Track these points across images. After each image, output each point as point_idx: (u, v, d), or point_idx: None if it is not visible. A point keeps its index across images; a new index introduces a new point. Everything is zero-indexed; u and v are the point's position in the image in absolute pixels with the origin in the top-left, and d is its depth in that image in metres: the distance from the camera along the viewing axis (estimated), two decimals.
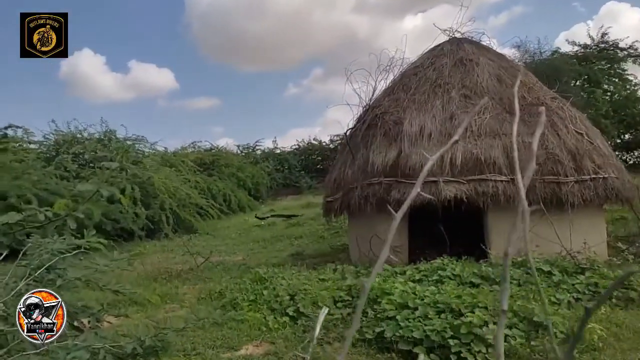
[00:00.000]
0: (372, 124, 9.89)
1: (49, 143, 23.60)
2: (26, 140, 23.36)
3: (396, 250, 9.06)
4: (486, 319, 5.40)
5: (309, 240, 15.37)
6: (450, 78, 9.76)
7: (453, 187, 8.50)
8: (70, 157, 20.95)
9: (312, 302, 6.78)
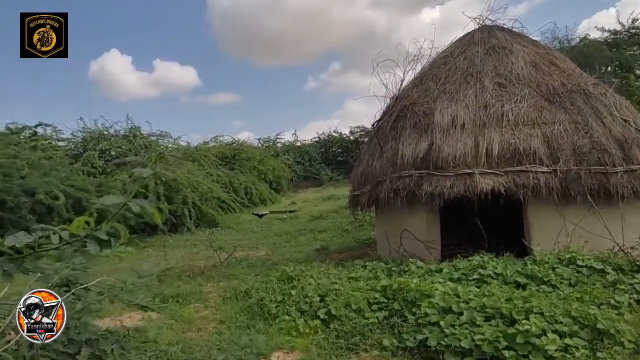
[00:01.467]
0: (400, 116, 9.13)
1: (76, 140, 23.33)
2: (55, 138, 23.19)
3: (429, 245, 8.32)
4: (544, 327, 4.64)
5: (333, 234, 14.66)
6: (483, 66, 8.92)
7: (490, 179, 7.70)
8: (96, 154, 20.65)
9: (344, 304, 6.05)
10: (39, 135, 22.42)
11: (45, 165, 17.04)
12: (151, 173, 1.40)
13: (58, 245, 1.40)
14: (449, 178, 7.96)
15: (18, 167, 15.01)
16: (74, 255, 1.46)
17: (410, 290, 5.89)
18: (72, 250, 1.43)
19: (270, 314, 6.33)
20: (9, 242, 1.42)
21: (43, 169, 16.40)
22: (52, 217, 14.47)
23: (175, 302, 7.59)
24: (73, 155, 21.33)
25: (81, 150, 21.92)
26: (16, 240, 1.41)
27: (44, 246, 1.43)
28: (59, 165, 17.99)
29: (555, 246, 7.42)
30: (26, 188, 14.33)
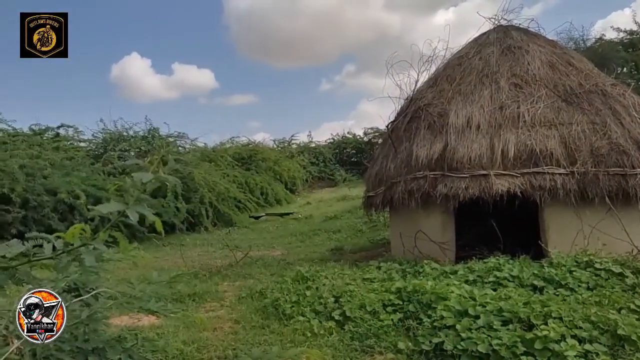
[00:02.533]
0: (414, 117, 8.94)
1: (97, 141, 23.45)
2: (76, 139, 23.34)
3: (443, 247, 8.14)
4: (563, 332, 4.44)
5: (347, 234, 14.50)
6: (499, 67, 8.70)
7: (505, 181, 7.50)
8: (116, 155, 20.69)
9: (359, 305, 5.90)
10: (61, 137, 22.57)
11: (67, 166, 17.14)
12: (152, 178, 1.27)
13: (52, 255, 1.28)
14: (464, 179, 7.78)
15: (41, 167, 15.08)
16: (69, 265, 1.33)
17: (425, 293, 5.72)
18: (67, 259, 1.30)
19: (285, 315, 6.20)
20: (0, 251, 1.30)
21: (65, 169, 16.49)
22: (73, 215, 14.53)
23: (192, 301, 7.51)
24: (94, 156, 21.42)
25: (101, 151, 22.01)
26: (7, 250, 1.29)
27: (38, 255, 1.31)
28: (80, 165, 18.08)
29: (572, 249, 7.20)
30: (49, 187, 14.42)
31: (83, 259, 1.27)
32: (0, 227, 12.69)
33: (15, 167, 13.75)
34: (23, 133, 20.92)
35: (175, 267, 10.37)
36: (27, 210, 13.37)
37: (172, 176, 1.26)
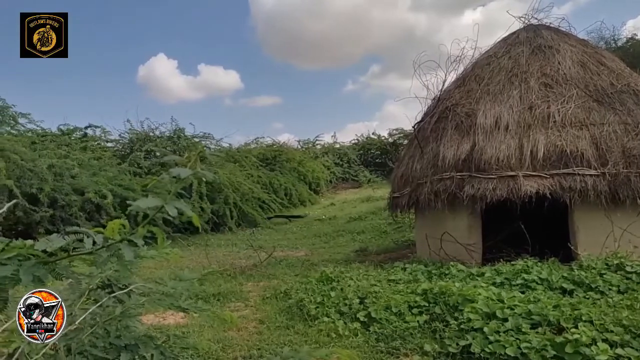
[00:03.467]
0: (442, 117, 8.89)
1: (123, 141, 23.80)
2: (104, 139, 23.75)
3: (470, 249, 8.07)
4: (594, 336, 4.37)
5: (371, 235, 14.47)
6: (528, 66, 8.59)
7: (534, 182, 7.40)
8: (142, 155, 20.97)
9: (384, 307, 5.88)
10: (89, 137, 23.03)
11: (94, 166, 17.47)
12: (190, 173, 1.29)
13: (91, 250, 1.31)
14: (492, 180, 7.70)
15: (69, 167, 15.39)
16: (108, 260, 1.36)
17: (452, 295, 5.68)
18: (106, 254, 1.33)
19: (310, 315, 6.23)
20: (40, 245, 1.34)
21: (92, 169, 16.81)
22: (100, 215, 14.80)
23: (217, 301, 7.59)
24: (120, 156, 21.74)
25: (128, 151, 22.32)
26: (48, 244, 1.33)
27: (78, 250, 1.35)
28: (107, 165, 18.40)
29: (602, 251, 7.09)
30: (76, 187, 14.71)
31: (122, 254, 1.30)
32: (28, 226, 12.98)
33: (44, 167, 14.04)
34: (52, 133, 21.40)
35: (200, 267, 10.48)
36: (55, 210, 13.65)
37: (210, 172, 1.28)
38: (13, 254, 1.30)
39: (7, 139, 15.72)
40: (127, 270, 1.46)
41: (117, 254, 1.33)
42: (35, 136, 19.51)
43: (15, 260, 1.28)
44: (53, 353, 1.72)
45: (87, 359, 1.79)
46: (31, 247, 1.33)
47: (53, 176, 14.13)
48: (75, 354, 1.77)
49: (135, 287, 2.05)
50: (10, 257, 1.30)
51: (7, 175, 12.79)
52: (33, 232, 12.73)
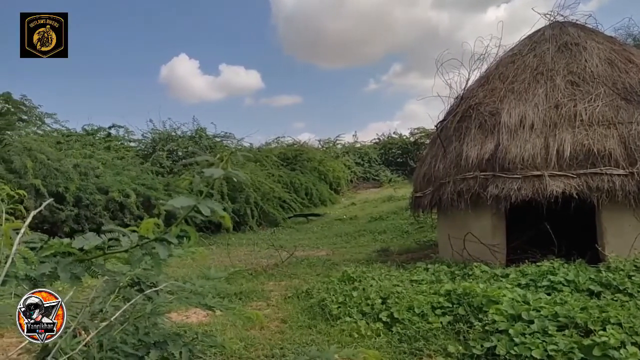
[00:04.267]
0: (465, 116, 8.81)
1: (146, 141, 24.12)
2: (127, 138, 24.10)
3: (493, 249, 7.99)
4: (622, 339, 4.30)
5: (392, 235, 14.42)
6: (554, 64, 8.47)
7: (561, 182, 7.30)
8: (165, 154, 21.23)
9: (407, 307, 5.87)
10: (112, 137, 23.39)
11: (118, 165, 17.75)
12: (222, 174, 1.31)
13: (127, 248, 1.34)
14: (517, 180, 7.62)
15: (93, 167, 15.64)
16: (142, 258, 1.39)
17: (476, 296, 5.64)
18: (141, 253, 1.36)
19: (332, 315, 6.23)
20: (77, 244, 1.37)
21: (116, 169, 17.07)
22: (123, 214, 15.02)
23: (239, 300, 7.64)
24: (143, 155, 22.05)
25: (150, 150, 22.62)
26: (85, 242, 1.36)
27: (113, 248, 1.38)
28: (130, 164, 18.67)
29: (630, 252, 6.97)
30: (100, 186, 14.95)
31: (156, 252, 1.33)
32: (54, 224, 13.22)
33: (70, 166, 14.30)
34: (76, 133, 21.78)
35: (222, 266, 10.56)
36: (79, 209, 13.89)
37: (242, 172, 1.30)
38: (51, 251, 1.33)
39: (34, 139, 16.05)
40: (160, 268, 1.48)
41: (150, 252, 1.36)
42: (61, 136, 19.85)
43: (53, 257, 1.31)
44: (86, 349, 1.76)
45: (118, 355, 1.83)
46: (68, 245, 1.36)
47: (78, 175, 14.37)
48: (107, 350, 1.80)
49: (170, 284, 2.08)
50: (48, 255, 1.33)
51: (34, 174, 13.05)
52: (58, 231, 12.96)
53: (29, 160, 13.17)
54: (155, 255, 1.35)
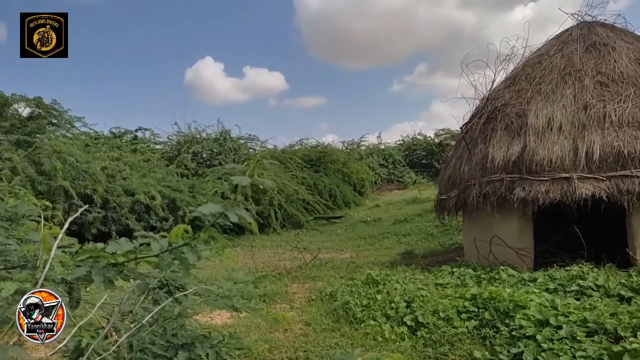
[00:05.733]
0: (491, 118, 8.74)
1: (171, 143, 24.42)
2: (152, 141, 24.46)
3: (520, 253, 7.91)
4: None
5: (417, 238, 14.35)
6: (583, 65, 8.35)
7: (590, 185, 7.19)
8: (190, 156, 21.46)
9: (432, 311, 5.84)
10: (139, 139, 23.78)
11: (144, 167, 18.00)
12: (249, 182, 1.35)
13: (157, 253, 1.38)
14: (544, 183, 7.53)
15: (120, 169, 15.90)
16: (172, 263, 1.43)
17: (502, 300, 5.58)
18: (170, 257, 1.41)
19: (356, 318, 6.24)
20: (110, 248, 1.42)
21: (142, 171, 17.32)
22: (149, 215, 15.24)
23: (263, 302, 7.69)
24: (168, 158, 22.33)
25: (175, 153, 22.89)
26: (118, 247, 1.41)
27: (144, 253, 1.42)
28: (155, 167, 18.92)
29: None
30: (127, 188, 15.18)
31: (185, 257, 1.37)
32: (81, 226, 13.48)
33: (98, 168, 14.58)
34: (104, 136, 22.20)
35: (246, 268, 10.64)
36: (106, 211, 14.12)
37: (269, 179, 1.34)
38: (86, 256, 1.38)
39: (63, 142, 16.41)
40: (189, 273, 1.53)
41: (179, 257, 1.40)
42: (89, 139, 20.25)
43: (87, 262, 1.36)
44: (117, 350, 1.81)
45: (147, 355, 1.88)
46: (102, 250, 1.41)
47: (105, 178, 14.64)
48: (137, 351, 1.85)
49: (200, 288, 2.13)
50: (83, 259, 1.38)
51: (63, 176, 13.34)
52: (85, 232, 13.20)
53: (58, 162, 13.45)
54: (184, 260, 1.40)
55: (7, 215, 2.20)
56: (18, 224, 2.14)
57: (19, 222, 2.16)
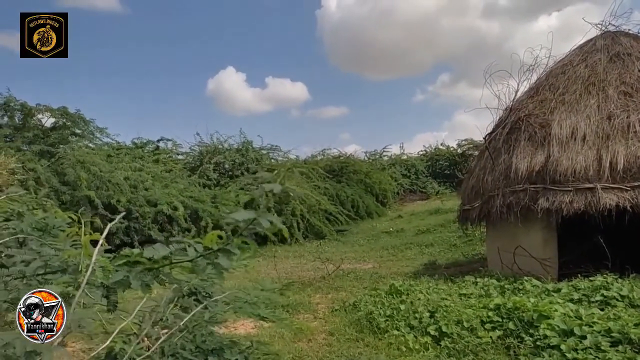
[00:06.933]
0: (514, 128, 8.77)
1: (193, 154, 24.68)
2: (175, 151, 24.74)
3: (545, 263, 7.88)
4: None
5: (440, 249, 14.33)
6: (606, 75, 8.34)
7: (614, 195, 7.17)
8: (212, 167, 21.66)
9: (456, 321, 5.87)
10: (161, 149, 24.09)
11: (166, 178, 18.23)
12: (280, 189, 1.45)
13: (192, 258, 1.48)
14: (568, 193, 7.52)
15: (143, 180, 16.15)
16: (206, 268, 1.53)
17: (526, 310, 5.61)
18: (205, 263, 1.50)
19: (379, 328, 6.30)
20: (147, 253, 1.53)
21: (164, 181, 17.55)
22: (172, 226, 15.45)
23: (286, 312, 7.77)
24: (190, 168, 22.58)
25: (197, 163, 23.14)
26: (154, 252, 1.51)
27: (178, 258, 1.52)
28: (177, 177, 19.15)
29: None
30: (149, 199, 15.40)
31: (218, 262, 1.47)
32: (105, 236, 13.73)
33: (121, 178, 14.86)
34: (126, 146, 22.55)
35: (268, 279, 10.74)
36: (129, 221, 14.35)
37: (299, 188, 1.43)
38: (123, 261, 1.49)
39: (87, 152, 16.78)
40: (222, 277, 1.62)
41: (213, 262, 1.50)
42: (111, 149, 20.61)
43: (125, 267, 1.47)
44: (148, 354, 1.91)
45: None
46: (139, 255, 1.52)
47: (128, 188, 14.90)
48: (168, 356, 1.95)
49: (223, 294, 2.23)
50: (120, 264, 1.49)
51: (88, 186, 13.63)
52: (109, 243, 13.41)
53: (83, 172, 13.75)
54: (218, 265, 1.49)
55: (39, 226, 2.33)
56: (50, 234, 2.28)
57: (51, 232, 2.29)
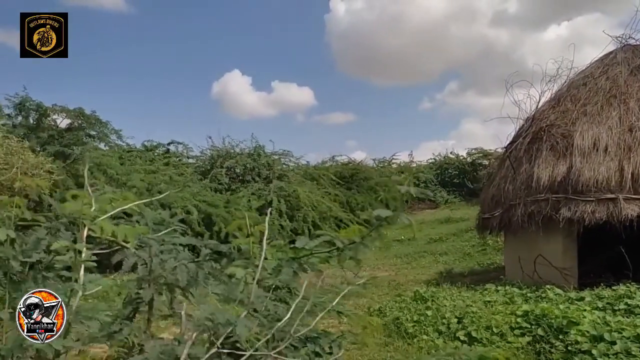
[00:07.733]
0: (536, 138, 9.03)
1: (205, 157, 24.80)
2: (185, 155, 24.92)
3: (565, 272, 8.13)
4: None
5: (454, 257, 14.56)
6: (627, 87, 8.63)
7: (636, 205, 7.43)
8: (224, 171, 21.79)
9: (485, 326, 6.12)
10: (171, 153, 24.28)
11: (179, 181, 18.44)
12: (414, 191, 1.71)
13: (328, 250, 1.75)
14: (590, 203, 7.78)
15: (156, 183, 16.39)
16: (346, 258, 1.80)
17: (555, 317, 5.84)
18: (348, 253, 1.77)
19: (408, 333, 6.54)
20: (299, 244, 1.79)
21: (178, 185, 17.76)
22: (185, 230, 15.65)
23: None
24: (201, 172, 22.71)
25: (209, 167, 23.26)
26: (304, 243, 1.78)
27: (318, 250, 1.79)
28: (190, 181, 19.33)
29: None
30: (163, 202, 15.60)
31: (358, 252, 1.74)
32: None
33: (137, 181, 15.12)
34: (137, 149, 22.79)
35: None
36: None
37: None
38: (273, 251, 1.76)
39: (103, 154, 17.06)
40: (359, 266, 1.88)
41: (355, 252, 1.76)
42: (122, 152, 20.84)
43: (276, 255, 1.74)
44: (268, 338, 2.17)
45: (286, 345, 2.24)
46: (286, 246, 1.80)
47: (146, 191, 15.15)
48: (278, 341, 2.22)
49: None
50: None
51: None
52: None
53: (100, 174, 14.02)
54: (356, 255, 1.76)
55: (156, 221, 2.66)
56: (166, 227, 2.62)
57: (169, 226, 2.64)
